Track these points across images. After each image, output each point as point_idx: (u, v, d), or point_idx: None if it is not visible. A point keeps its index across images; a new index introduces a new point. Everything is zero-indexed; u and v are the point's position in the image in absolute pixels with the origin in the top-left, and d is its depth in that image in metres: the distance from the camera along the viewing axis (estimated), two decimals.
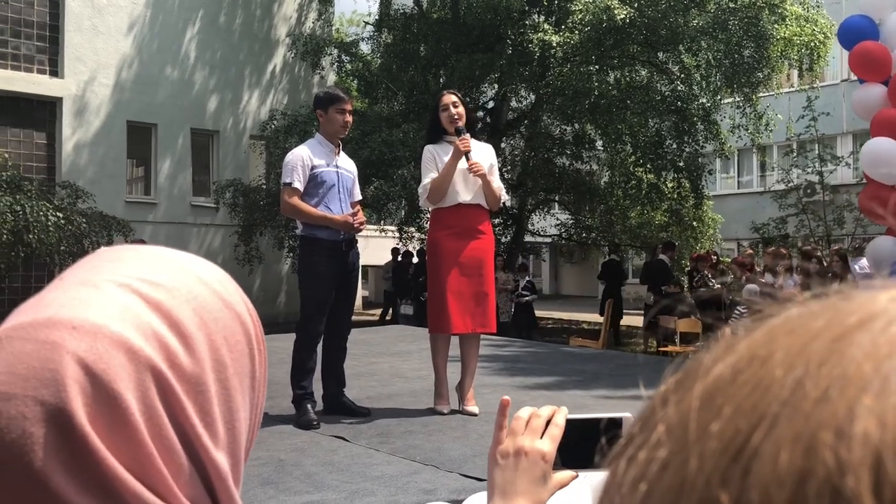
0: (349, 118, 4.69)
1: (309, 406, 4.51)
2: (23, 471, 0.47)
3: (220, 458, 0.55)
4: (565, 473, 0.94)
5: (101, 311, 0.53)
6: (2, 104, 14.47)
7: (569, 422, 0.96)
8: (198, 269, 0.60)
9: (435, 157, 4.69)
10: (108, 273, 0.56)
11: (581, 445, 0.94)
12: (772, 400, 0.27)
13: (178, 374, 0.53)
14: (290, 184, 4.53)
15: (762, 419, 0.27)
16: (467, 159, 4.57)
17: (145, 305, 0.54)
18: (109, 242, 12.58)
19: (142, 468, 0.50)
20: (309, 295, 4.61)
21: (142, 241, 10.97)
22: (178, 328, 0.55)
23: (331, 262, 4.56)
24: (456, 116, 4.64)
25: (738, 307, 10.92)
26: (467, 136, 4.60)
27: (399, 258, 16.32)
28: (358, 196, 4.86)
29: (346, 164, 4.78)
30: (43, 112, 15.20)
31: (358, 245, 4.84)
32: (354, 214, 4.59)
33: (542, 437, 0.94)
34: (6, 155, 12.92)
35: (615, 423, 0.94)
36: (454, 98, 4.71)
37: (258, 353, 0.61)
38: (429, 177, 4.67)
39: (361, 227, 4.63)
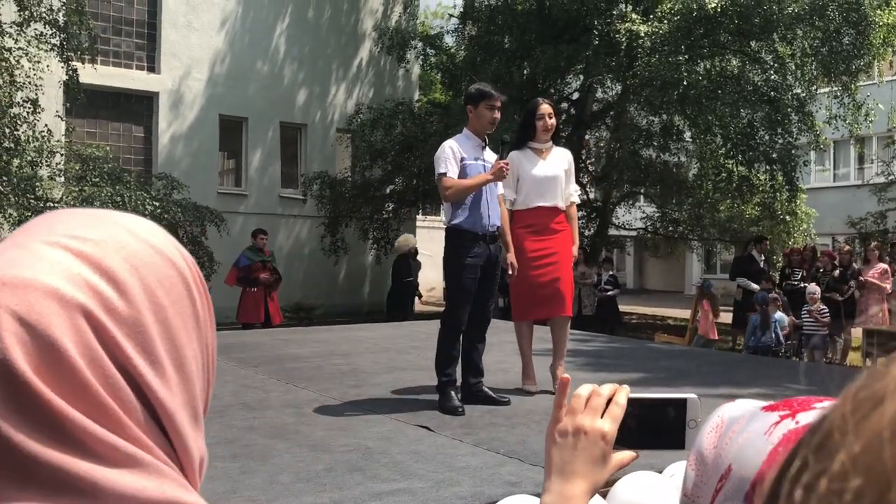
0: (497, 115, 4.78)
1: (453, 393, 4.61)
2: None
3: (167, 395, 0.57)
4: (626, 454, 0.89)
5: (30, 267, 0.55)
6: (103, 99, 15.13)
7: (631, 401, 0.91)
8: (127, 222, 0.62)
9: (514, 167, 4.93)
10: (38, 234, 0.58)
11: (643, 426, 0.90)
12: None
13: (114, 317, 0.55)
14: (444, 174, 4.65)
15: None
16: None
17: (75, 258, 0.56)
18: (203, 232, 13.00)
19: (90, 406, 0.53)
20: (455, 284, 4.70)
21: (263, 232, 11.08)
22: (109, 275, 0.57)
23: (475, 251, 4.66)
24: (550, 126, 5.02)
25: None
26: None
27: None
28: (501, 190, 4.96)
29: (491, 159, 4.85)
30: (140, 106, 15.83)
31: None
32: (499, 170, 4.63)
33: (602, 417, 0.89)
34: (107, 148, 13.50)
35: (679, 405, 0.90)
36: (551, 109, 5.04)
37: (199, 295, 0.63)
38: (506, 188, 4.97)
39: (507, 170, 4.64)
